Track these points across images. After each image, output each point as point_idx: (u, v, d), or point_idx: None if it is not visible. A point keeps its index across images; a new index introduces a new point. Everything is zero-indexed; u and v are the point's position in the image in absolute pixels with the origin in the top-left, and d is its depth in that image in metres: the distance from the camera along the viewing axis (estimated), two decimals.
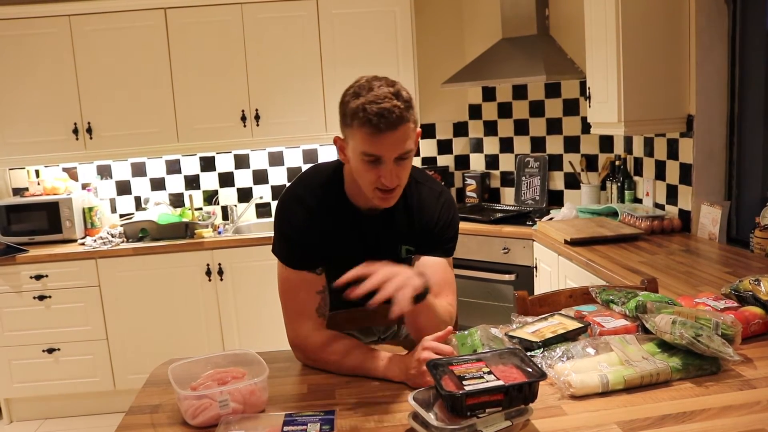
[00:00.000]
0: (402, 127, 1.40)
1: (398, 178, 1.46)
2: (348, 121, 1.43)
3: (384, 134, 1.39)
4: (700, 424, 1.15)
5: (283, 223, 1.58)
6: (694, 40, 2.85)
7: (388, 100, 1.38)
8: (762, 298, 1.58)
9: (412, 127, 1.43)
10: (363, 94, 1.41)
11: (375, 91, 1.40)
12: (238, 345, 3.60)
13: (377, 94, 1.39)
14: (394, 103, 1.38)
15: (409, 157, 1.46)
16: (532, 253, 3.27)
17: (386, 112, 1.37)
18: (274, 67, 3.70)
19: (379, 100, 1.38)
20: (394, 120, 1.38)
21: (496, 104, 4.10)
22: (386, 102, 1.38)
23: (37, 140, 3.66)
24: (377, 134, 1.39)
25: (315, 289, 1.57)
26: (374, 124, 1.38)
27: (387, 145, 1.41)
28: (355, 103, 1.40)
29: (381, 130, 1.38)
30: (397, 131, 1.40)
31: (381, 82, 1.42)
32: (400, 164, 1.45)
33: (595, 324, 1.51)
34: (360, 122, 1.39)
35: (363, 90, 1.42)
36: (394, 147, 1.41)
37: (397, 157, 1.43)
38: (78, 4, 3.56)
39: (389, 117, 1.37)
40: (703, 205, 2.89)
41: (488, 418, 1.12)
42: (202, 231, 3.65)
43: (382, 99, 1.38)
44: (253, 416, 1.25)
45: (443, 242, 1.64)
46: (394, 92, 1.40)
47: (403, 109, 1.40)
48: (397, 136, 1.40)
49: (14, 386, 3.57)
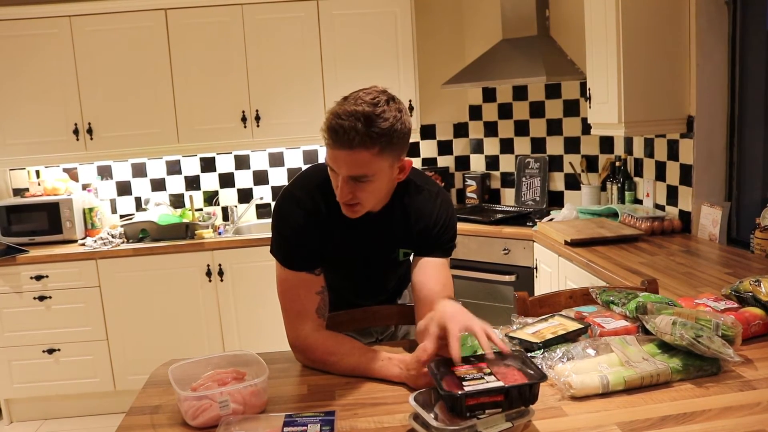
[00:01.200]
0: (357, 150, 1.36)
1: (353, 196, 1.44)
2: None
3: (336, 150, 1.38)
4: (701, 425, 1.14)
5: (281, 224, 1.58)
6: (695, 41, 2.85)
7: (351, 120, 1.35)
8: (762, 299, 1.57)
9: (372, 154, 1.38)
10: (343, 102, 1.41)
11: (349, 106, 1.37)
12: (239, 346, 3.60)
13: (347, 110, 1.36)
14: (355, 125, 1.35)
15: (368, 182, 1.42)
16: (533, 254, 3.27)
17: (340, 130, 1.35)
18: (274, 67, 3.70)
19: (343, 116, 1.36)
20: (345, 141, 1.36)
21: (497, 105, 4.10)
22: (348, 120, 1.35)
23: (38, 141, 3.66)
24: (331, 147, 1.39)
25: (314, 289, 1.57)
26: (329, 135, 1.38)
27: (339, 161, 1.40)
28: (332, 108, 1.41)
29: (333, 145, 1.38)
30: (351, 153, 1.37)
31: (367, 99, 1.38)
32: (357, 185, 1.43)
33: (596, 325, 1.51)
34: (323, 128, 1.40)
35: (347, 99, 1.41)
36: (346, 166, 1.40)
37: (351, 176, 1.41)
38: (78, 5, 3.57)
39: (342, 136, 1.35)
40: (704, 206, 2.89)
41: (488, 419, 1.12)
42: (203, 232, 3.65)
43: (346, 116, 1.36)
44: (254, 417, 1.25)
45: (442, 243, 1.63)
46: (365, 114, 1.36)
47: (364, 134, 1.35)
48: (349, 158, 1.38)
49: (14, 386, 3.57)
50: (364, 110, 1.36)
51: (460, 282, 3.53)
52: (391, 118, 1.39)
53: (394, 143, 1.41)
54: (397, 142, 1.42)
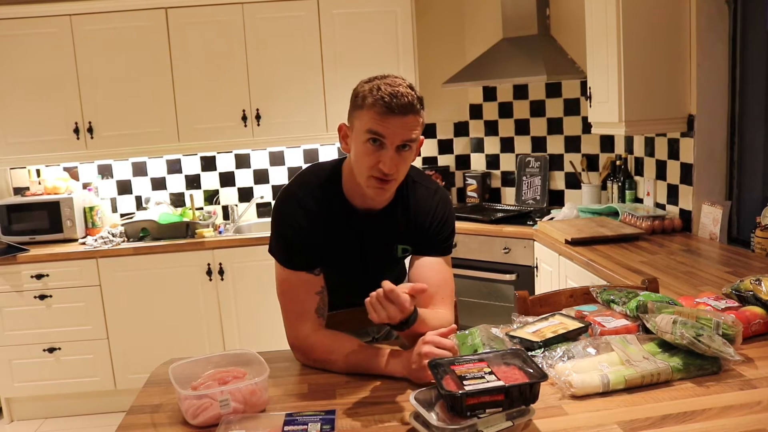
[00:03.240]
0: (411, 114, 1.44)
1: (396, 169, 1.47)
2: (359, 101, 1.46)
3: (393, 116, 1.42)
4: (701, 424, 1.14)
5: (280, 224, 1.58)
6: (695, 40, 2.85)
7: (402, 87, 1.44)
8: (763, 297, 1.57)
9: (420, 120, 1.48)
10: (377, 80, 1.47)
11: (391, 79, 1.47)
12: (239, 345, 3.60)
13: (393, 81, 1.46)
14: (408, 91, 1.44)
15: (411, 149, 1.48)
16: (533, 253, 3.27)
17: (399, 95, 1.42)
18: (274, 66, 3.70)
19: (394, 84, 1.44)
20: (405, 104, 1.42)
21: (497, 104, 4.10)
22: (401, 87, 1.44)
23: (38, 140, 3.66)
24: (387, 114, 1.42)
25: (314, 289, 1.57)
26: (386, 102, 1.42)
27: (393, 128, 1.43)
28: (369, 85, 1.46)
29: (391, 110, 1.42)
30: (406, 117, 1.43)
31: (398, 77, 1.49)
32: (401, 154, 1.47)
33: (596, 324, 1.51)
34: (372, 100, 1.43)
35: (377, 78, 1.48)
36: (401, 131, 1.44)
37: (400, 144, 1.45)
38: (79, 4, 3.56)
39: (401, 99, 1.42)
40: (704, 204, 2.89)
41: (489, 419, 1.12)
42: (203, 231, 3.65)
43: (397, 85, 1.44)
44: (254, 416, 1.25)
45: (440, 241, 1.64)
46: (409, 84, 1.47)
47: (416, 99, 1.45)
48: (405, 122, 1.43)
49: (15, 386, 3.57)
50: (405, 81, 1.47)
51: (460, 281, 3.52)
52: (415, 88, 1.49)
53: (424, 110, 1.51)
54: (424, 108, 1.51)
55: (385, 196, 1.53)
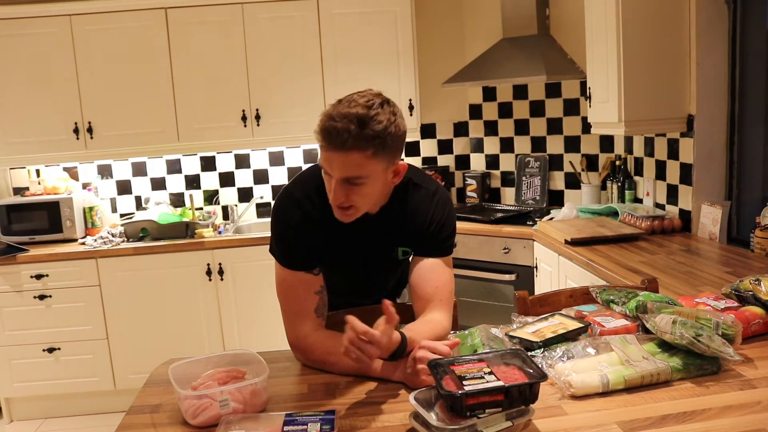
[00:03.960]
0: (351, 152, 1.36)
1: (347, 199, 1.43)
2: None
3: (330, 152, 1.38)
4: (701, 424, 1.15)
5: (279, 225, 1.59)
6: (695, 40, 2.85)
7: (345, 122, 1.34)
8: (762, 297, 1.58)
9: (366, 156, 1.37)
10: (337, 104, 1.40)
11: (343, 108, 1.37)
12: (239, 345, 3.60)
13: (340, 111, 1.36)
14: (348, 127, 1.34)
15: (362, 184, 1.42)
16: (533, 253, 3.27)
17: (334, 132, 1.35)
18: (274, 66, 3.70)
19: (337, 118, 1.35)
20: (338, 143, 1.35)
21: (497, 104, 4.10)
22: (341, 122, 1.34)
23: (38, 140, 3.66)
24: (326, 149, 1.39)
25: (313, 289, 1.57)
26: (323, 136, 1.37)
27: (332, 163, 1.40)
28: (326, 110, 1.40)
29: (327, 146, 1.38)
30: (345, 155, 1.36)
31: (361, 102, 1.38)
32: (350, 188, 1.42)
33: (596, 324, 1.51)
34: (317, 130, 1.39)
35: (341, 101, 1.41)
36: (340, 168, 1.39)
37: (344, 178, 1.41)
38: (78, 4, 3.56)
39: (335, 137, 1.35)
40: (704, 205, 2.89)
41: (489, 419, 1.12)
42: (203, 231, 3.65)
43: (340, 118, 1.35)
44: (254, 416, 1.25)
45: (440, 242, 1.62)
46: (359, 116, 1.35)
47: (357, 136, 1.34)
48: (343, 159, 1.37)
49: (14, 386, 3.57)
50: (358, 112, 1.35)
51: (460, 281, 3.52)
52: (385, 120, 1.38)
53: (387, 146, 1.40)
54: (391, 145, 1.41)
55: (347, 221, 1.49)
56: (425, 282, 1.58)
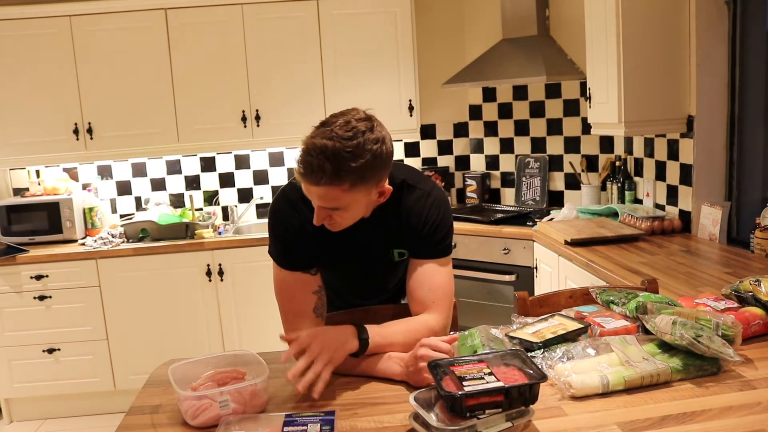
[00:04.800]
0: (326, 186, 1.35)
1: (331, 219, 1.45)
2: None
3: (307, 184, 1.38)
4: (701, 425, 1.15)
5: (275, 226, 1.60)
6: (695, 41, 2.85)
7: (320, 158, 1.32)
8: (762, 298, 1.58)
9: (343, 189, 1.36)
10: (317, 131, 1.38)
11: (319, 139, 1.34)
12: (239, 345, 3.60)
13: (316, 144, 1.33)
14: (323, 165, 1.32)
15: (342, 210, 1.42)
16: (533, 254, 3.27)
17: (308, 168, 1.34)
18: (274, 67, 3.70)
19: (313, 152, 1.33)
20: (313, 180, 1.35)
21: (497, 105, 4.10)
22: (316, 159, 1.32)
23: (38, 140, 3.66)
24: (303, 180, 1.38)
25: (311, 289, 1.57)
26: (299, 168, 1.37)
27: (310, 194, 1.41)
28: (307, 136, 1.38)
29: (302, 178, 1.38)
30: (319, 188, 1.36)
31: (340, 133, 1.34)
32: (332, 212, 1.43)
33: (596, 325, 1.51)
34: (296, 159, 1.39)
35: (324, 126, 1.38)
36: (317, 199, 1.40)
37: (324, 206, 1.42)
38: (79, 5, 3.57)
39: (309, 174, 1.35)
40: (704, 205, 2.89)
41: (489, 419, 1.12)
42: (203, 231, 3.65)
43: (316, 153, 1.33)
44: (254, 417, 1.25)
45: (435, 243, 1.60)
46: (335, 151, 1.32)
47: (331, 174, 1.32)
48: (320, 192, 1.37)
49: (14, 386, 3.57)
50: (335, 146, 1.32)
51: (460, 282, 3.53)
52: (366, 154, 1.35)
53: (366, 177, 1.38)
54: (370, 176, 1.39)
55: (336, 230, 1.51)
56: (419, 284, 1.58)
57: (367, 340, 1.44)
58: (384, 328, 1.49)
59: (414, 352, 1.38)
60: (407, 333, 1.50)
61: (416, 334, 1.49)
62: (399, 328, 1.51)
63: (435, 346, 1.36)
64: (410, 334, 1.49)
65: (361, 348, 1.44)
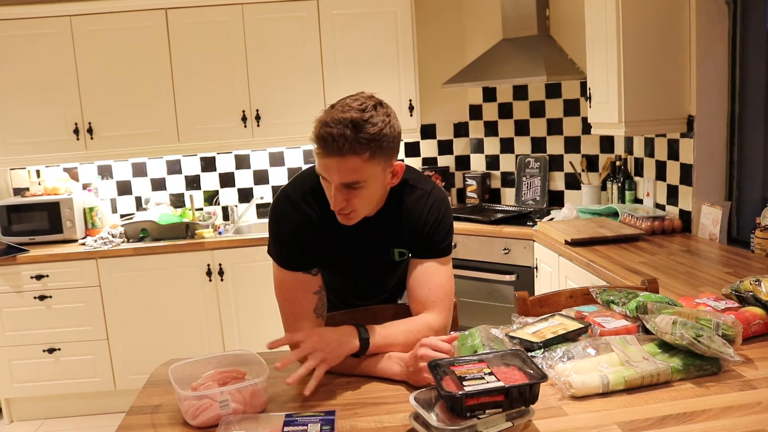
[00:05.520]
0: (348, 157, 1.36)
1: (348, 204, 1.44)
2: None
3: (327, 158, 1.38)
4: (701, 425, 1.14)
5: (276, 226, 1.59)
6: (695, 41, 2.85)
7: (340, 127, 1.35)
8: (763, 298, 1.57)
9: (363, 159, 1.38)
10: (330, 110, 1.40)
11: (336, 113, 1.37)
12: (239, 345, 3.60)
13: (334, 117, 1.36)
14: (344, 132, 1.34)
15: (361, 188, 1.42)
16: (533, 254, 3.27)
17: (329, 138, 1.35)
18: (274, 67, 3.70)
19: (331, 124, 1.36)
20: (335, 148, 1.35)
21: (497, 105, 4.10)
22: (336, 128, 1.35)
23: (38, 140, 3.66)
24: (322, 156, 1.39)
25: (311, 289, 1.57)
26: (319, 144, 1.38)
27: (330, 170, 1.40)
28: (319, 116, 1.40)
29: (324, 153, 1.38)
30: (342, 160, 1.37)
31: (354, 106, 1.38)
32: (351, 192, 1.43)
33: (596, 324, 1.51)
34: (312, 138, 1.40)
35: (334, 106, 1.41)
36: (338, 173, 1.40)
37: (343, 184, 1.41)
38: (79, 5, 3.57)
39: (331, 144, 1.35)
40: (704, 205, 2.89)
41: (489, 419, 1.12)
42: (203, 231, 3.65)
43: (335, 123, 1.35)
44: (254, 416, 1.25)
45: (435, 243, 1.60)
46: (353, 120, 1.35)
47: (353, 141, 1.35)
48: (341, 164, 1.38)
49: (14, 386, 3.57)
50: (352, 116, 1.36)
51: (460, 282, 3.53)
52: (379, 122, 1.39)
53: (383, 147, 1.40)
54: (387, 147, 1.41)
55: (350, 223, 1.50)
56: (419, 284, 1.58)
57: (367, 340, 1.45)
58: (385, 329, 1.49)
59: (414, 351, 1.38)
60: (408, 333, 1.50)
61: (417, 334, 1.49)
62: (400, 328, 1.51)
63: (435, 346, 1.36)
64: (411, 334, 1.49)
65: (361, 348, 1.44)
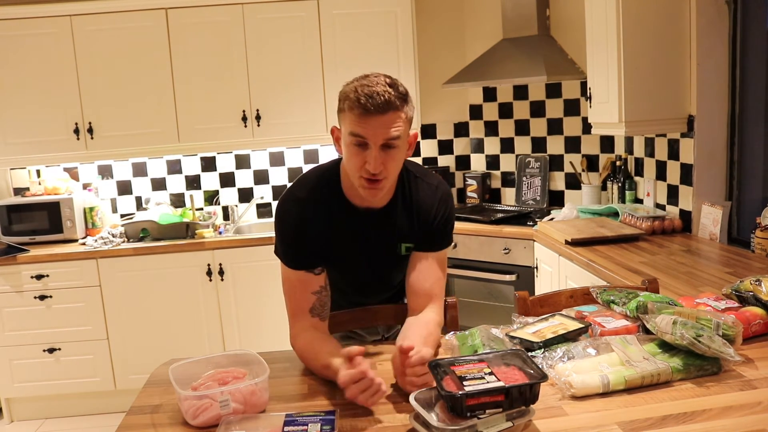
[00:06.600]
0: (391, 112, 1.43)
1: (384, 168, 1.46)
2: (341, 104, 1.48)
3: (371, 116, 1.42)
4: (701, 425, 1.14)
5: (282, 225, 1.60)
6: (695, 41, 2.85)
7: (380, 86, 1.43)
8: (763, 298, 1.57)
9: (403, 117, 1.46)
10: (356, 81, 1.47)
11: (370, 79, 1.46)
12: (239, 345, 3.60)
13: (371, 80, 1.45)
14: (386, 89, 1.43)
15: (397, 146, 1.47)
16: (533, 254, 3.27)
17: (375, 95, 1.42)
18: (275, 67, 3.70)
19: (371, 84, 1.44)
20: (381, 103, 1.41)
21: (497, 104, 4.10)
22: (378, 87, 1.43)
23: (38, 140, 3.66)
24: (365, 115, 1.42)
25: (310, 289, 1.57)
26: (362, 104, 1.41)
27: (373, 128, 1.43)
28: (350, 87, 1.46)
29: (368, 110, 1.41)
30: (385, 115, 1.43)
31: (379, 75, 1.47)
32: (387, 153, 1.46)
33: (596, 324, 1.51)
34: (351, 103, 1.43)
35: (356, 80, 1.48)
36: (381, 131, 1.43)
37: (383, 143, 1.44)
38: (79, 4, 3.56)
39: (377, 99, 1.41)
40: (704, 205, 2.89)
41: (489, 419, 1.12)
42: (203, 231, 3.65)
43: (374, 84, 1.44)
44: (254, 416, 1.26)
45: (440, 237, 1.65)
46: (389, 82, 1.45)
47: (395, 96, 1.44)
48: (384, 120, 1.43)
49: (15, 386, 3.57)
50: (384, 80, 1.46)
51: (460, 282, 3.53)
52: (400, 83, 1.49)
53: (412, 108, 1.50)
54: (412, 108, 1.51)
55: (378, 195, 1.52)
56: (425, 277, 1.60)
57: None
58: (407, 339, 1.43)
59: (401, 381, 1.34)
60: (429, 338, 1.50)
61: (436, 337, 1.53)
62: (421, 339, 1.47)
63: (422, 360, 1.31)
64: (431, 338, 1.51)
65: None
